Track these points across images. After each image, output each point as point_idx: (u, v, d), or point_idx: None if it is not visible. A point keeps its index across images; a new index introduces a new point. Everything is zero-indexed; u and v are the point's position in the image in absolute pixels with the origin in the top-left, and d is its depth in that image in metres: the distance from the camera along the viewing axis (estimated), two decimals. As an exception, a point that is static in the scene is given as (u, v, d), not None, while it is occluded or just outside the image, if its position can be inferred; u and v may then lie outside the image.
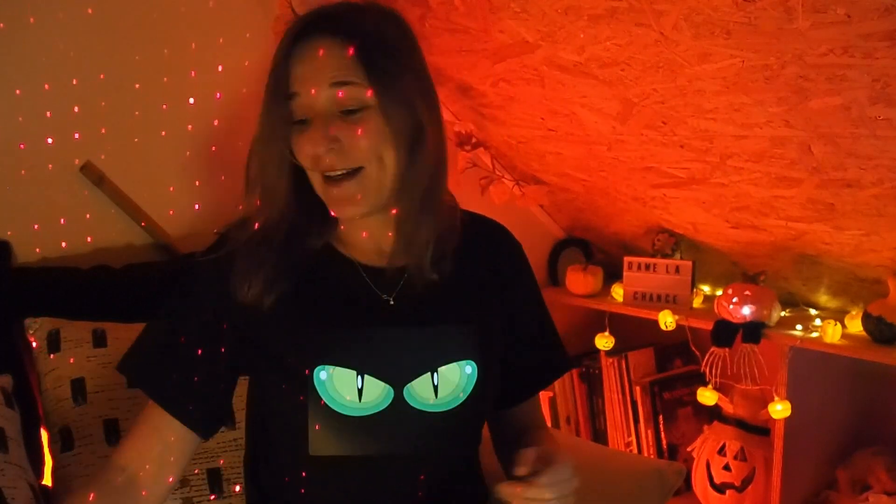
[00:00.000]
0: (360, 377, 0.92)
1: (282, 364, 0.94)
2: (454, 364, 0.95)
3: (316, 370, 0.91)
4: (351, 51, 0.89)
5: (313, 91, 0.89)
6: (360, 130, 0.88)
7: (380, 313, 0.97)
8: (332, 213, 0.93)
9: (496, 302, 1.04)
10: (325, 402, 0.91)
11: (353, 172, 0.90)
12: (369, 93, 0.89)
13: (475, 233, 1.04)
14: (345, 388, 0.91)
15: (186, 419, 0.94)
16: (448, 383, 0.95)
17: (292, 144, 0.91)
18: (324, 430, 0.92)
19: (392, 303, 0.97)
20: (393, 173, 0.91)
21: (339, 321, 0.95)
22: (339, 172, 0.90)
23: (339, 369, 0.92)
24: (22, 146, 1.40)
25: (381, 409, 0.92)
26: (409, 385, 0.93)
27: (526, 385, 1.11)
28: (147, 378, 0.96)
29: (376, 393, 0.92)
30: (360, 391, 0.91)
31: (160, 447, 0.93)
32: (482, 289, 1.03)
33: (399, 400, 0.93)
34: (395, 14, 0.96)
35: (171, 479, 0.95)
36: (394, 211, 0.95)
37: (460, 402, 0.96)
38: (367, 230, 0.99)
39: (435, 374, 0.94)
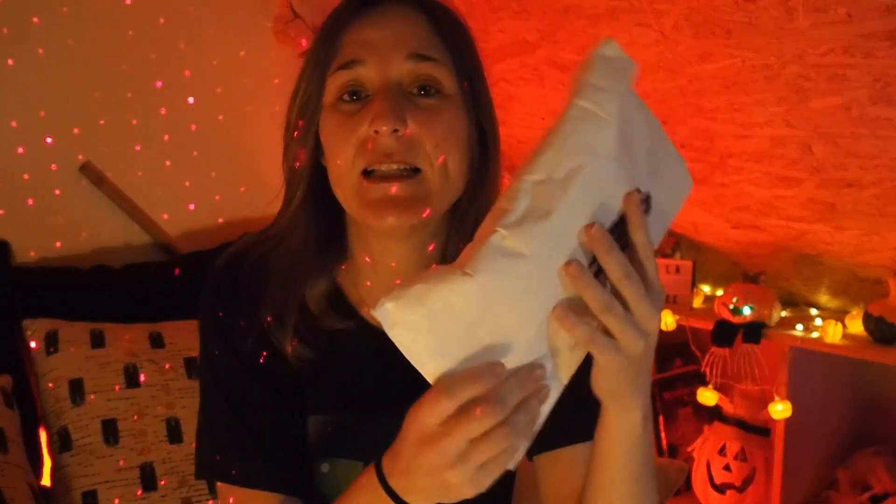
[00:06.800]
0: None
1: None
2: None
3: (317, 463, 0.78)
4: (428, 23, 0.74)
5: (385, 60, 0.70)
6: (433, 120, 0.70)
7: (392, 392, 0.70)
8: (369, 222, 0.72)
9: None
10: (327, 497, 0.76)
11: (408, 172, 0.70)
12: (451, 77, 0.73)
13: None
14: (349, 482, 0.69)
15: (285, 490, 0.76)
16: None
17: (334, 123, 0.71)
18: None
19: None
20: (455, 188, 0.73)
21: (343, 405, 0.77)
22: (391, 168, 0.70)
23: (343, 461, 0.78)
24: (21, 146, 1.40)
25: None
26: None
27: None
28: (229, 472, 0.77)
29: None
30: None
31: None
32: None
33: None
34: None
35: None
36: (430, 247, 0.76)
37: None
38: (396, 269, 0.76)
39: None
